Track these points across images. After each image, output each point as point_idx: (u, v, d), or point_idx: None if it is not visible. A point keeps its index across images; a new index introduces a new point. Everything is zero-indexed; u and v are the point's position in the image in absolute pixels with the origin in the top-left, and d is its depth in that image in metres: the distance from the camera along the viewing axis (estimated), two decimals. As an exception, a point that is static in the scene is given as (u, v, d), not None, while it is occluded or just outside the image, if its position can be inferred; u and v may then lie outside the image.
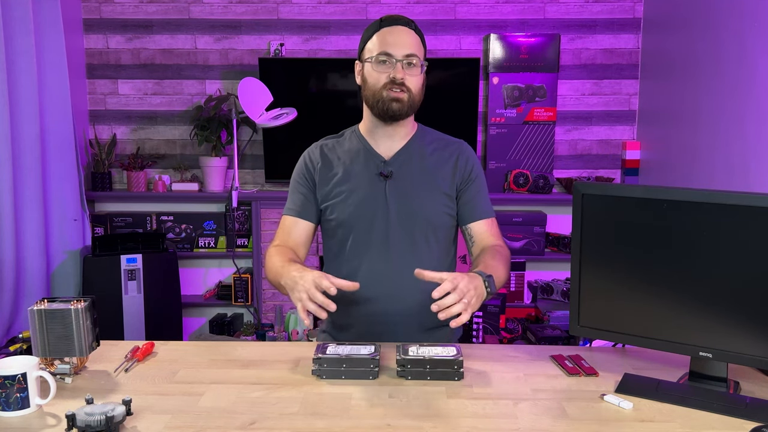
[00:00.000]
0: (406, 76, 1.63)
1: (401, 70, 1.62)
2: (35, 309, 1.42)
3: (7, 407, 1.27)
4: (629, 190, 1.45)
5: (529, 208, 3.74)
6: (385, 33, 1.64)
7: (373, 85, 1.65)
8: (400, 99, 1.63)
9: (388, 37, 1.63)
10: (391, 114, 1.65)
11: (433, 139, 1.76)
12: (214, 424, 1.25)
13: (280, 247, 1.70)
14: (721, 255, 1.33)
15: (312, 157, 1.76)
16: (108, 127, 3.86)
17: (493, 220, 1.76)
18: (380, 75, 1.64)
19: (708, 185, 2.94)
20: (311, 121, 3.54)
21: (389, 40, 1.63)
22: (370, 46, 1.66)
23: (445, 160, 1.73)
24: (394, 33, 1.64)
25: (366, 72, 1.67)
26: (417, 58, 1.64)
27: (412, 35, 1.66)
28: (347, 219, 1.69)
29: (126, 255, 3.25)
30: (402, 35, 1.64)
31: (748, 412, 1.29)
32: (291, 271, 1.50)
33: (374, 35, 1.66)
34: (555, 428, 1.24)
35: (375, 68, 1.64)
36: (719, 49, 2.87)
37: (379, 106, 1.65)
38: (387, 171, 1.69)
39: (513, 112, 3.73)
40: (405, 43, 1.63)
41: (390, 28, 1.65)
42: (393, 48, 1.62)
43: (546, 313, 3.55)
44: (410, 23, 1.67)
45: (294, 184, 1.77)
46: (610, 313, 1.47)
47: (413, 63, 1.64)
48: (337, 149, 1.76)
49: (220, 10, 3.75)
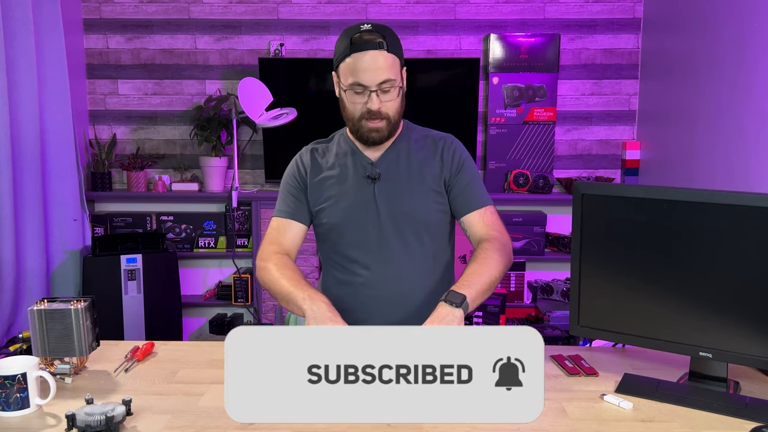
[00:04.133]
0: (382, 103, 1.58)
1: (377, 99, 1.57)
2: (35, 309, 1.42)
3: (7, 407, 1.28)
4: (629, 190, 1.46)
5: (529, 208, 3.74)
6: (356, 59, 1.55)
7: (351, 113, 1.62)
8: (378, 129, 1.61)
9: (359, 63, 1.55)
10: (372, 142, 1.64)
11: (420, 136, 1.74)
12: (214, 424, 1.25)
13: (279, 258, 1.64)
14: (721, 255, 1.34)
15: (303, 161, 1.75)
16: (108, 127, 3.86)
17: (487, 209, 1.69)
18: (355, 105, 1.60)
19: (708, 185, 2.94)
20: (311, 121, 3.54)
21: (360, 68, 1.55)
22: (343, 70, 1.58)
23: (432, 155, 1.70)
24: (365, 60, 1.54)
25: (341, 95, 1.63)
26: (392, 82, 1.57)
27: (384, 57, 1.56)
28: (338, 223, 1.68)
29: (126, 255, 3.25)
30: (374, 60, 1.54)
31: (748, 412, 1.29)
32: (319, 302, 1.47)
33: (346, 59, 1.57)
34: (555, 428, 1.24)
35: (349, 98, 1.60)
36: (719, 49, 2.87)
37: (358, 134, 1.64)
38: (375, 173, 1.67)
39: (513, 112, 3.73)
40: (377, 68, 1.55)
41: (360, 54, 1.55)
42: (365, 77, 1.55)
43: (546, 313, 3.55)
44: (382, 44, 1.56)
45: (286, 187, 1.75)
46: (610, 313, 1.47)
47: (388, 90, 1.58)
48: (327, 153, 1.74)
49: (220, 10, 3.75)
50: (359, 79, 1.56)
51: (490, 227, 1.66)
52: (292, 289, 1.53)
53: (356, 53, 1.55)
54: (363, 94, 1.58)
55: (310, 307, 1.46)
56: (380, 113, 1.59)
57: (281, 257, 1.64)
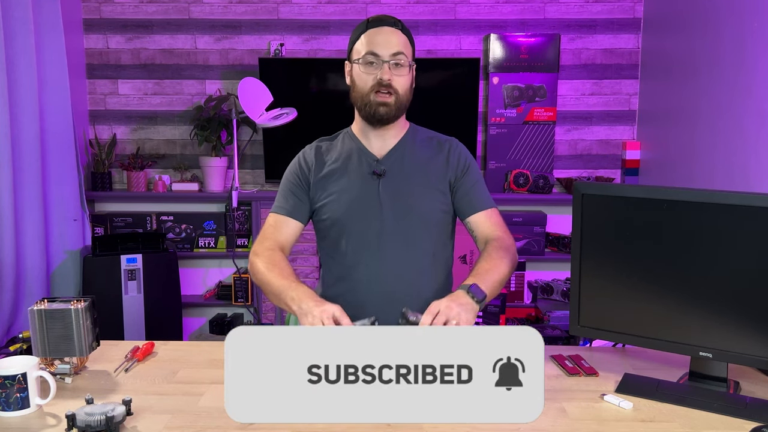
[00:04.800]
0: (393, 76, 1.63)
1: (388, 70, 1.63)
2: (35, 309, 1.42)
3: (7, 407, 1.28)
4: (629, 190, 1.46)
5: (529, 208, 3.74)
6: (371, 34, 1.65)
7: (361, 88, 1.67)
8: (387, 103, 1.64)
9: (374, 37, 1.64)
10: (378, 118, 1.66)
11: (425, 137, 1.78)
12: (214, 424, 1.25)
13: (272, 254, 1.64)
14: (721, 255, 1.34)
15: (307, 158, 1.76)
16: (108, 127, 3.86)
17: (493, 210, 1.75)
18: (367, 77, 1.65)
19: (708, 185, 2.94)
20: (311, 121, 3.54)
21: (376, 41, 1.64)
22: (358, 47, 1.67)
23: (437, 156, 1.73)
24: (380, 33, 1.65)
25: (354, 73, 1.69)
26: (404, 57, 1.65)
27: (399, 35, 1.66)
28: (340, 218, 1.69)
29: (126, 255, 3.25)
30: (388, 35, 1.65)
31: (748, 412, 1.29)
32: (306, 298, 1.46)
33: (361, 36, 1.67)
34: (555, 428, 1.24)
35: (362, 69, 1.65)
36: (719, 49, 2.87)
37: (366, 110, 1.67)
38: (380, 169, 1.69)
39: (513, 112, 3.73)
40: (391, 42, 1.64)
41: (377, 29, 1.66)
42: (379, 48, 1.63)
43: (546, 313, 3.55)
44: (397, 23, 1.68)
45: (287, 184, 1.76)
46: (610, 313, 1.47)
47: (401, 63, 1.64)
48: (331, 150, 1.76)
49: (220, 10, 3.75)
50: (373, 48, 1.64)
51: (497, 228, 1.71)
52: (281, 288, 1.53)
53: (372, 29, 1.66)
54: (375, 65, 1.64)
55: (299, 307, 1.45)
56: (390, 86, 1.63)
57: (273, 253, 1.64)
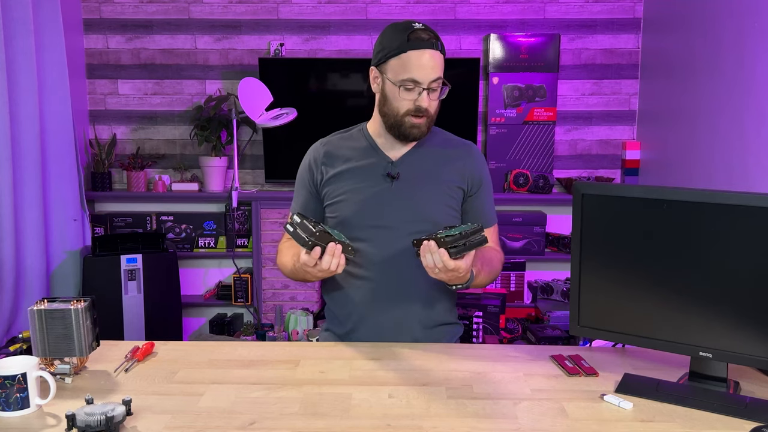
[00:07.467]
0: (430, 102, 1.61)
1: (427, 97, 1.59)
2: (35, 309, 1.42)
3: (7, 407, 1.27)
4: (629, 190, 1.45)
5: (529, 208, 3.74)
6: (413, 57, 1.57)
7: (395, 108, 1.62)
8: (419, 125, 1.63)
9: (415, 61, 1.57)
10: (411, 139, 1.66)
11: (442, 141, 1.76)
12: (214, 424, 1.25)
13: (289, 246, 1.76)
14: (721, 255, 1.33)
15: (316, 156, 1.76)
16: (108, 127, 3.86)
17: (495, 227, 1.80)
18: (404, 101, 1.61)
19: (708, 185, 2.94)
20: (311, 121, 3.54)
21: (416, 65, 1.57)
22: (395, 66, 1.59)
23: (453, 162, 1.73)
24: (423, 58, 1.57)
25: (388, 89, 1.63)
26: (441, 81, 1.61)
27: (438, 56, 1.59)
28: (349, 217, 1.69)
29: (126, 255, 3.25)
30: (430, 60, 1.57)
31: (748, 412, 1.29)
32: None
33: (401, 54, 1.58)
34: (555, 428, 1.24)
35: (400, 93, 1.60)
36: (719, 49, 2.87)
37: (398, 129, 1.64)
38: (394, 172, 1.69)
39: (513, 112, 3.73)
40: (432, 66, 1.58)
41: (419, 51, 1.57)
42: (420, 74, 1.57)
43: (546, 313, 3.55)
44: (437, 42, 1.60)
45: (298, 183, 1.80)
46: (610, 313, 1.47)
47: (437, 88, 1.61)
48: (344, 146, 1.75)
49: (220, 10, 3.75)
50: (414, 75, 1.57)
51: (495, 245, 1.79)
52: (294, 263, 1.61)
53: (413, 50, 1.57)
54: (413, 90, 1.59)
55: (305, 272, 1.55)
56: (427, 111, 1.61)
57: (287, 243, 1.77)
